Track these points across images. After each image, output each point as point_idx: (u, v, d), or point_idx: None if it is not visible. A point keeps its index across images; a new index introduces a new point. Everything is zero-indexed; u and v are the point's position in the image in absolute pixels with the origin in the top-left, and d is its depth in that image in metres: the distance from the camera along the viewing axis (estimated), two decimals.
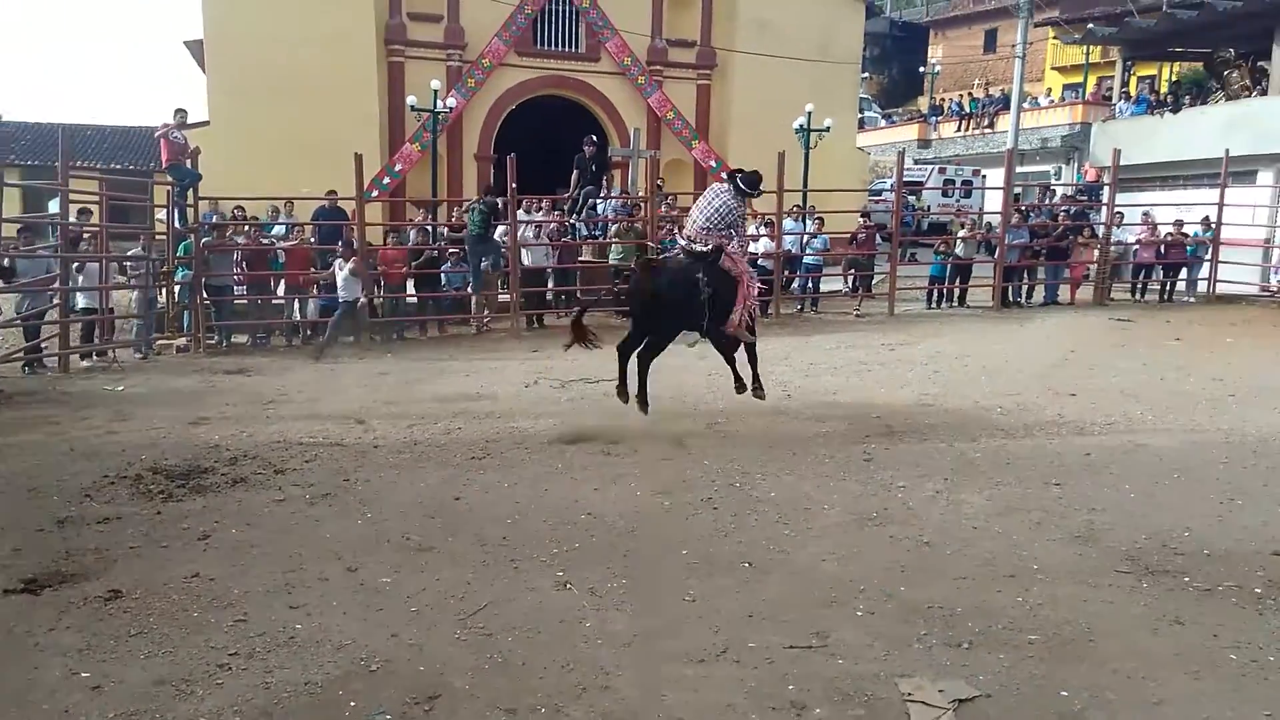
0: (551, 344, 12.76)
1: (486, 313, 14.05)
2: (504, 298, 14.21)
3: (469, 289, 13.72)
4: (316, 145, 16.77)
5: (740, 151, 21.70)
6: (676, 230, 14.74)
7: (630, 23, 21.50)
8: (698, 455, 6.96)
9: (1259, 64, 20.33)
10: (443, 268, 14.09)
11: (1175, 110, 20.99)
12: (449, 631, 4.11)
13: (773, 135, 19.30)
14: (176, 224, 12.84)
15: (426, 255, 14.04)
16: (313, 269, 13.41)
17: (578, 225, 15.81)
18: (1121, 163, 16.62)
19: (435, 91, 18.32)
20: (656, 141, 21.55)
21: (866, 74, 40.74)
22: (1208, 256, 16.42)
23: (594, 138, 16.88)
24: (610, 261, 15.07)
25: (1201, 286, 16.57)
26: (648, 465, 6.71)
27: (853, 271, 16.59)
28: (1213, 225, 16.29)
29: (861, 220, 16.98)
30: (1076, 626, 4.06)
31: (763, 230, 16.07)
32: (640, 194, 16.29)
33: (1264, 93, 19.25)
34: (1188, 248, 16.66)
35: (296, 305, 13.57)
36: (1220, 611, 4.21)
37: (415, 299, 14.11)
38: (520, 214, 14.21)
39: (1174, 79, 26.32)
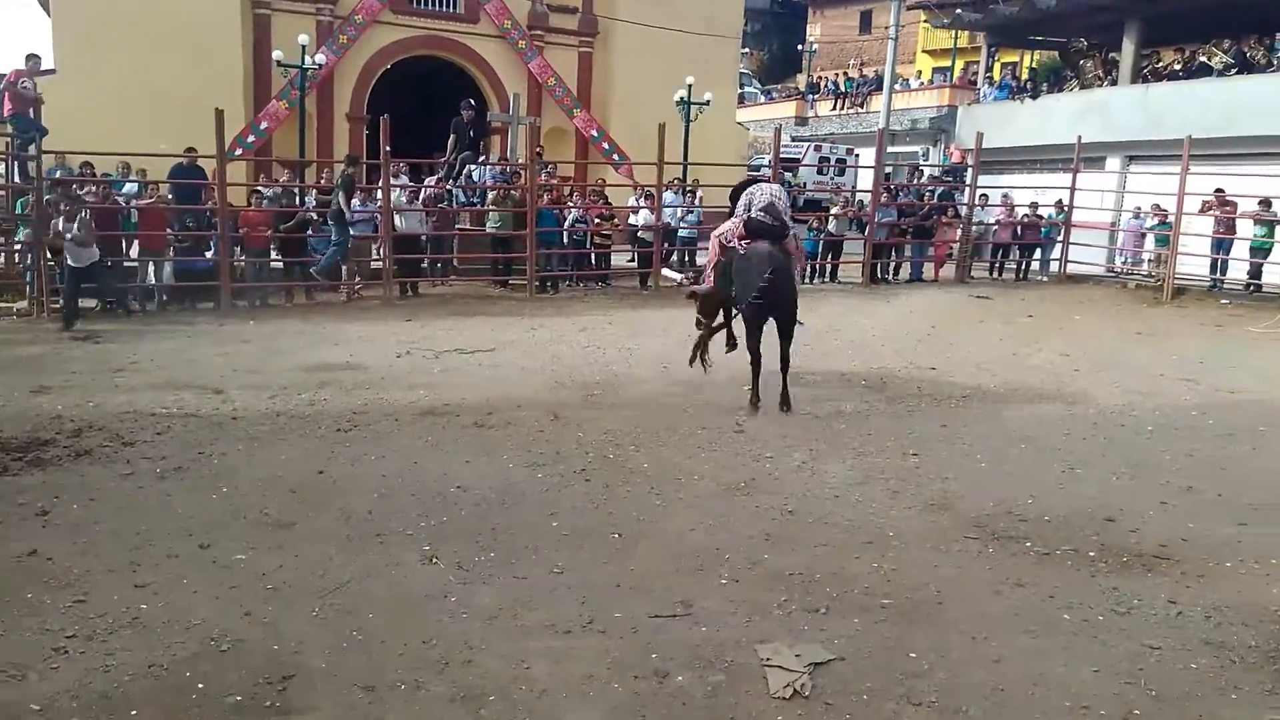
0: (426, 312, 12.52)
1: (358, 280, 13.61)
2: (376, 264, 13.79)
3: (323, 263, 12.92)
4: (175, 99, 15.80)
5: (622, 122, 21.68)
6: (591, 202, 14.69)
7: None
8: (572, 427, 6.94)
9: (1110, 55, 21.53)
10: (308, 232, 13.53)
11: (1034, 96, 22.04)
12: (306, 609, 3.99)
13: (654, 106, 19.26)
14: (16, 179, 11.92)
15: (299, 218, 13.41)
16: (169, 231, 12.70)
17: (454, 191, 15.46)
18: (984, 145, 17.37)
19: (304, 47, 17.53)
20: (537, 108, 21.21)
21: (747, 49, 41.17)
22: (1060, 238, 17.39)
23: (472, 102, 16.51)
24: (488, 229, 14.81)
25: (1054, 266, 17.54)
26: (521, 437, 6.66)
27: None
28: (1065, 208, 17.25)
29: None
30: (927, 590, 4.26)
31: (642, 202, 16.10)
32: (520, 161, 16.05)
33: (1114, 83, 20.42)
34: (1042, 229, 17.60)
35: (151, 268, 12.83)
36: (1058, 574, 4.48)
37: (281, 264, 13.53)
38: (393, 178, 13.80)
39: (1033, 66, 27.60)
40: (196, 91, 15.56)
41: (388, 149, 13.29)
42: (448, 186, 15.26)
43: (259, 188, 14.10)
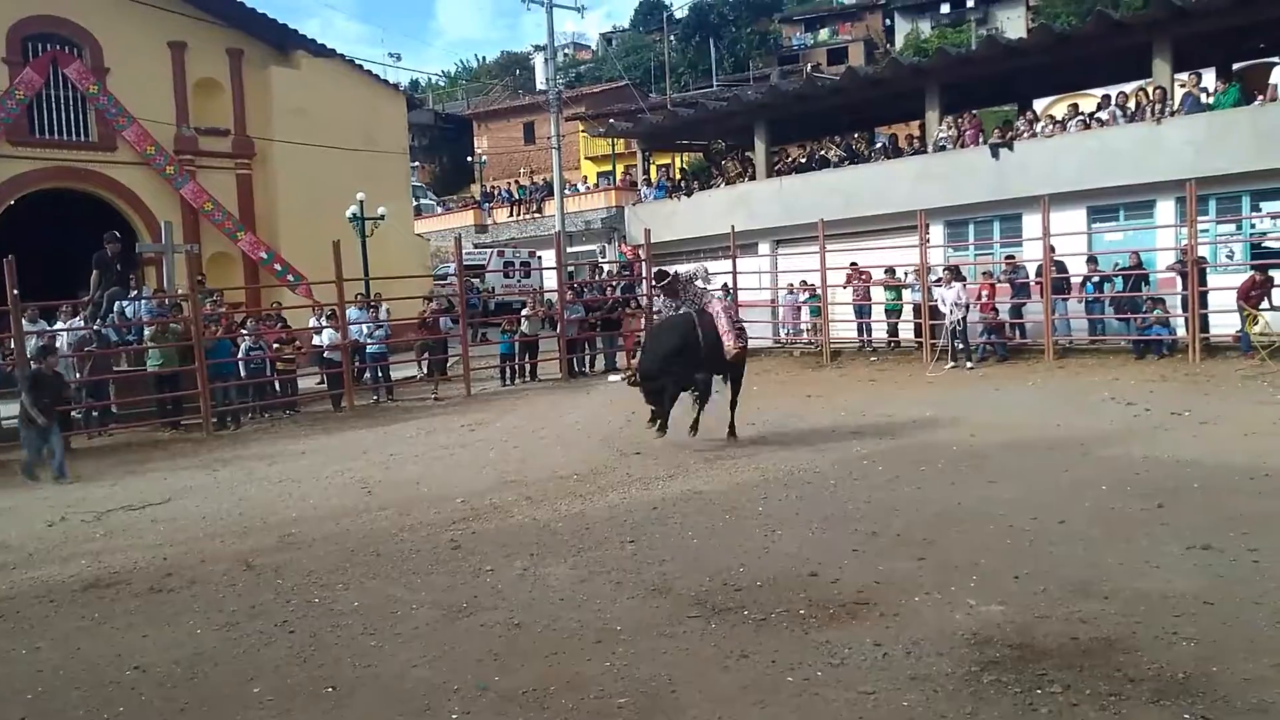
0: (82, 469, 11.01)
1: None
2: (10, 423, 11.97)
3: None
4: None
5: (293, 241, 20.89)
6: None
7: (151, 110, 19.76)
8: (269, 575, 6.31)
9: (746, 154, 24.08)
10: None
11: (688, 194, 24.02)
12: None
13: (327, 224, 18.78)
14: None
15: None
16: None
17: (105, 331, 13.91)
18: (653, 240, 18.62)
19: None
20: (195, 235, 19.89)
21: (417, 163, 41.54)
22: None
23: (117, 234, 15.07)
24: (148, 368, 13.43)
25: None
26: (209, 597, 5.94)
27: (426, 355, 16.59)
28: (730, 290, 18.82)
29: (426, 304, 17.09)
30: (660, 680, 4.24)
31: (324, 322, 15.45)
32: (180, 292, 14.83)
33: (753, 178, 22.79)
34: None
35: None
36: (775, 638, 4.66)
37: None
38: (28, 324, 12.20)
39: (684, 167, 30.22)
40: None
41: (15, 293, 11.74)
42: (95, 327, 13.71)
43: None
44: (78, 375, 12.94)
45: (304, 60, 22.17)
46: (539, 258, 28.70)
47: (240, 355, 14.30)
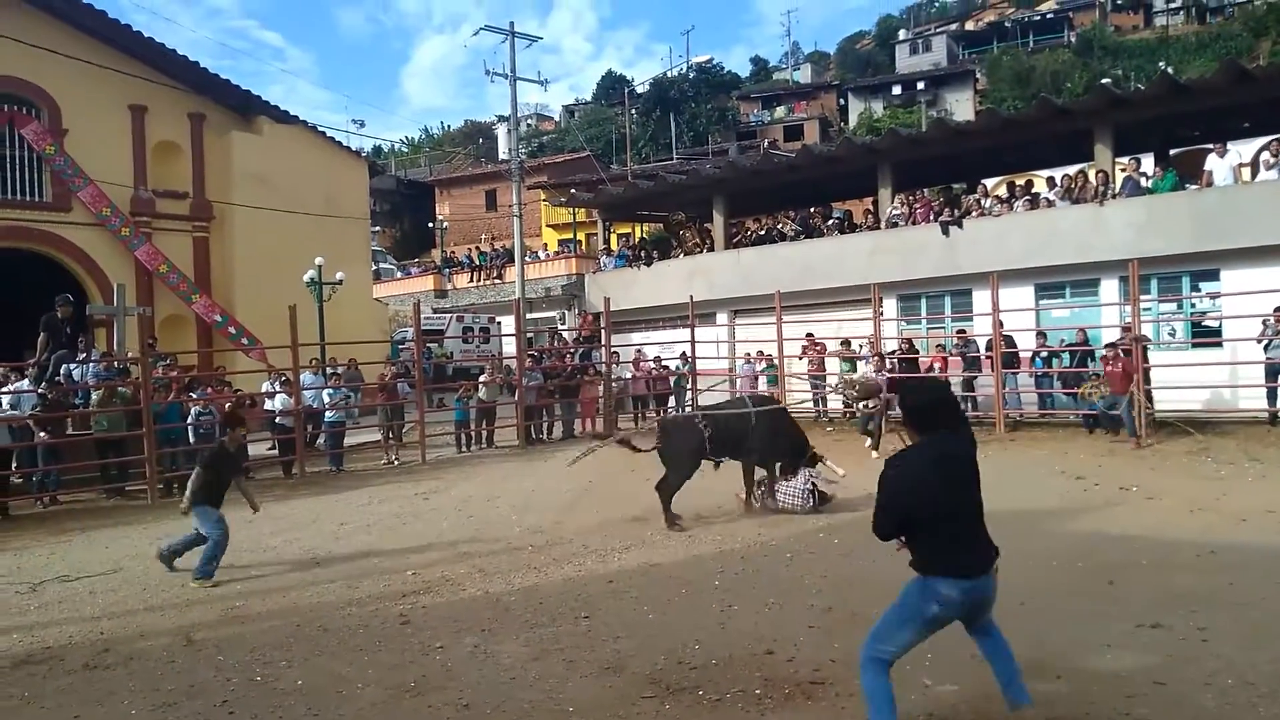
0: (19, 537, 10.63)
1: None
2: None
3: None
4: None
5: (249, 305, 20.72)
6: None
7: (108, 171, 19.63)
8: (210, 651, 6.11)
9: (705, 225, 24.50)
10: None
11: (648, 263, 24.30)
12: None
13: (283, 288, 18.66)
14: None
15: None
16: None
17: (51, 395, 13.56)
18: (612, 308, 18.75)
19: None
20: (150, 297, 19.66)
21: (378, 228, 41.61)
22: (689, 385, 19.00)
23: (69, 296, 14.82)
24: (94, 434, 13.09)
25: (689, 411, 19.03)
26: (146, 674, 5.72)
27: (390, 439, 16.36)
28: (689, 359, 18.95)
29: (388, 367, 16.97)
30: None
31: (277, 386, 15.24)
32: (130, 355, 14.56)
33: (711, 249, 23.16)
34: (672, 379, 19.14)
35: None
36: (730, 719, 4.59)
37: None
38: None
39: (644, 236, 30.59)
40: None
41: None
42: (40, 390, 13.37)
43: None
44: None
45: (266, 126, 22.28)
46: (498, 324, 28.70)
47: (190, 420, 14.01)
